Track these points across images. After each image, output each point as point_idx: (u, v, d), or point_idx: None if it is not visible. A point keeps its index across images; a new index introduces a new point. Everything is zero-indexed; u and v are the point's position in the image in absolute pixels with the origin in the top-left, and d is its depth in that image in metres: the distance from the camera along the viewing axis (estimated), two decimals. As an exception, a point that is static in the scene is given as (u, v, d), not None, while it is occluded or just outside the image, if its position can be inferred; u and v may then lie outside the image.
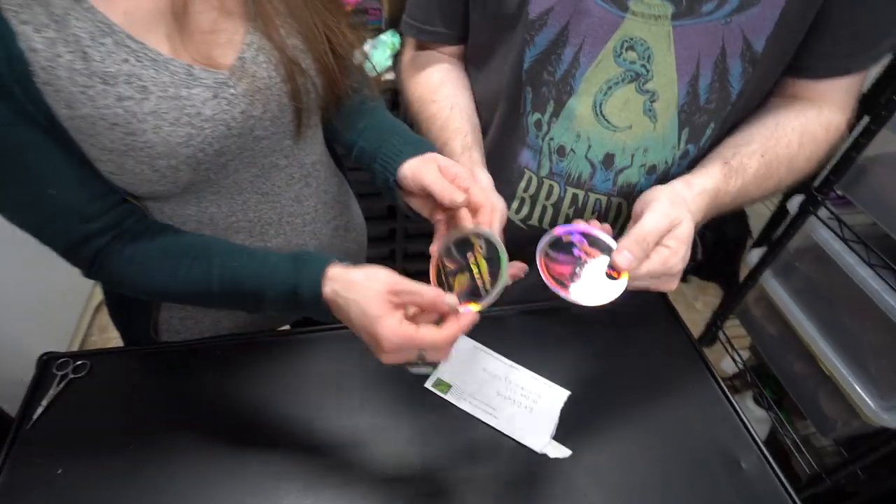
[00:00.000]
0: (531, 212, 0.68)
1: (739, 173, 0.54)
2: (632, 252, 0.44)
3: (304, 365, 0.66)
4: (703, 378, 0.69)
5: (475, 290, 0.45)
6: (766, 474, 0.59)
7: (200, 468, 0.56)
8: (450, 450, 0.59)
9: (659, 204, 0.46)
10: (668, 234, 0.47)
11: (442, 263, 0.47)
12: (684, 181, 0.51)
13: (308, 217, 0.63)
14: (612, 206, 0.65)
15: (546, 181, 0.65)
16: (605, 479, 0.57)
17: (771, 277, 1.05)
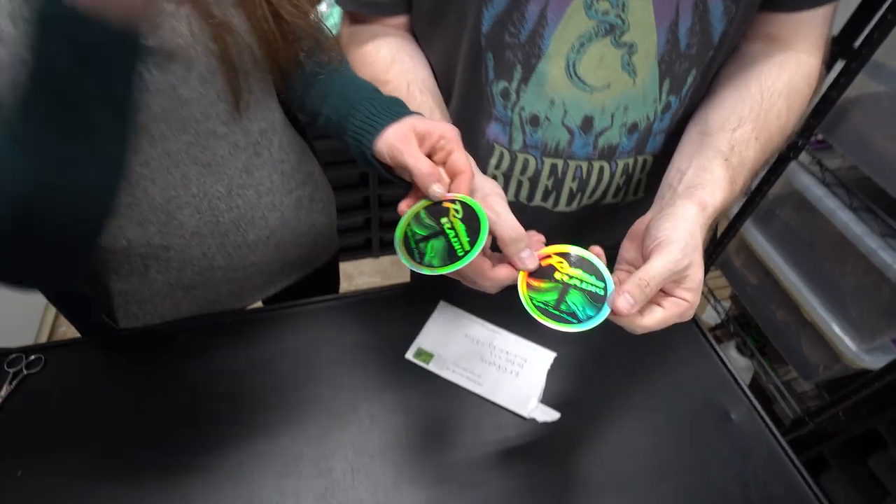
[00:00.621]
0: (506, 188, 0.64)
1: (741, 171, 0.49)
2: (633, 297, 0.39)
3: (275, 343, 0.63)
4: (690, 332, 0.68)
5: (452, 253, 0.41)
6: (756, 424, 0.59)
7: (171, 459, 0.53)
8: (434, 421, 0.57)
9: (672, 249, 0.41)
10: (681, 282, 0.42)
11: (411, 231, 0.43)
12: (699, 203, 0.45)
13: (263, 189, 0.59)
14: (593, 171, 0.61)
15: (520, 155, 0.61)
16: (595, 440, 0.56)
17: (751, 226, 1.04)
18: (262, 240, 0.62)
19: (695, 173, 0.48)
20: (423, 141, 0.44)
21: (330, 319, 0.66)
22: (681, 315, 0.43)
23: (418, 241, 0.43)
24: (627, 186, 0.65)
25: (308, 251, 0.74)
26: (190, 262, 0.58)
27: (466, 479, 0.53)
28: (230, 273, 0.64)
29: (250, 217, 0.59)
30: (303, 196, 0.66)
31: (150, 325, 0.65)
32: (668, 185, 0.49)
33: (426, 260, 0.42)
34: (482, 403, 0.59)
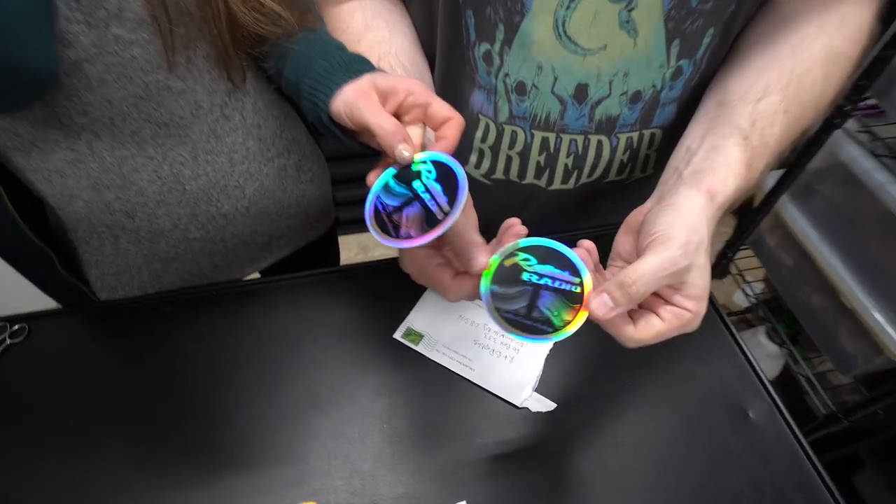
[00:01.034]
0: (493, 164, 0.58)
1: (762, 153, 0.41)
2: (613, 298, 0.33)
3: (260, 318, 0.60)
4: (707, 317, 0.61)
5: (429, 218, 0.36)
6: (777, 423, 0.53)
7: (154, 434, 0.51)
8: (418, 407, 0.53)
9: (669, 247, 0.34)
10: (680, 288, 0.35)
11: (381, 204, 0.38)
12: (707, 192, 0.38)
13: (237, 156, 0.54)
14: (590, 146, 0.54)
15: (507, 127, 0.54)
16: (593, 434, 0.52)
17: (788, 202, 0.95)
18: (241, 211, 0.59)
19: (705, 154, 0.41)
20: (386, 98, 0.38)
21: (317, 294, 0.63)
22: (682, 327, 0.36)
23: (391, 213, 0.38)
24: (633, 163, 0.58)
25: (299, 223, 0.71)
26: (161, 233, 0.55)
27: (449, 471, 0.49)
28: (209, 245, 0.61)
29: (223, 186, 0.55)
30: (287, 165, 0.62)
31: (133, 297, 0.63)
32: (673, 168, 0.42)
33: (402, 232, 0.37)
34: (472, 389, 0.55)
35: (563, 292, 0.36)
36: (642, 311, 0.36)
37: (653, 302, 0.37)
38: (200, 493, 0.48)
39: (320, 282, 0.64)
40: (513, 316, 0.35)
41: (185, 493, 0.48)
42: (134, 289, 0.62)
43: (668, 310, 0.36)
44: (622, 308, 0.34)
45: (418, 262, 0.38)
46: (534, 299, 0.36)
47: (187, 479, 0.49)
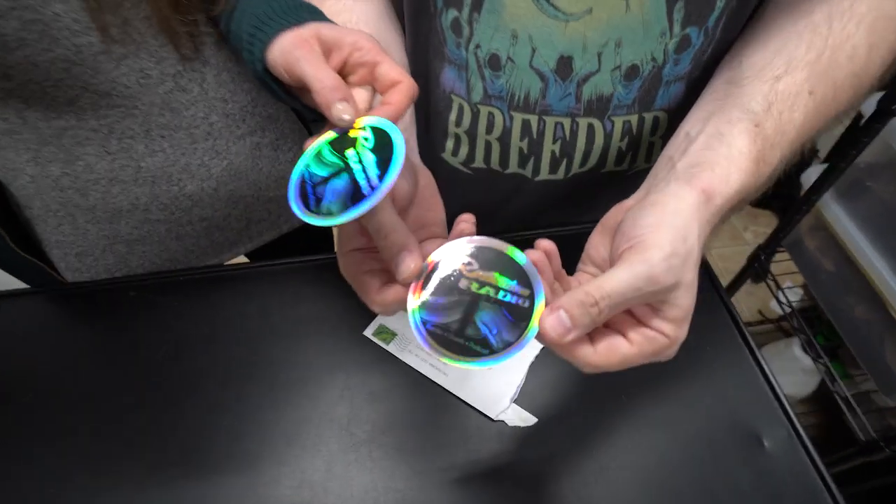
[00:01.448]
0: (472, 151, 0.52)
1: (777, 144, 0.34)
2: (572, 315, 0.27)
3: (225, 307, 0.56)
4: (721, 325, 0.54)
5: (355, 193, 0.31)
6: (796, 454, 0.46)
7: (106, 422, 0.49)
8: (385, 412, 0.48)
9: (648, 258, 0.28)
10: (659, 309, 0.29)
11: (309, 174, 0.33)
12: (703, 190, 0.31)
13: (198, 132, 0.50)
14: (579, 130, 0.47)
15: (483, 108, 0.47)
16: (578, 457, 0.46)
17: (832, 200, 0.85)
18: (207, 192, 0.55)
19: (706, 143, 0.33)
20: (330, 52, 0.32)
21: (287, 284, 0.58)
22: (654, 355, 0.30)
23: (316, 185, 0.33)
24: (634, 152, 0.50)
25: (280, 208, 0.66)
26: (120, 214, 0.52)
27: (408, 488, 0.44)
28: (176, 228, 0.57)
29: (184, 164, 0.51)
30: (261, 143, 0.58)
31: (98, 280, 0.60)
32: (667, 158, 0.35)
33: (323, 207, 0.31)
34: (445, 397, 0.49)
35: (507, 305, 0.29)
36: (606, 332, 0.30)
37: (621, 320, 0.30)
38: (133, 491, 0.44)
39: (291, 271, 0.59)
40: (441, 331, 0.29)
41: (119, 490, 0.44)
42: (100, 271, 0.59)
43: (640, 332, 0.30)
44: (580, 331, 0.28)
45: (349, 266, 0.33)
46: (470, 312, 0.29)
47: (125, 475, 0.45)
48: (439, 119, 0.50)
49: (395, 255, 0.30)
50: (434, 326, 0.29)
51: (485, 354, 0.29)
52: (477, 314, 0.29)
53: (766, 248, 0.99)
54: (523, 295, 0.29)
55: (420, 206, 0.36)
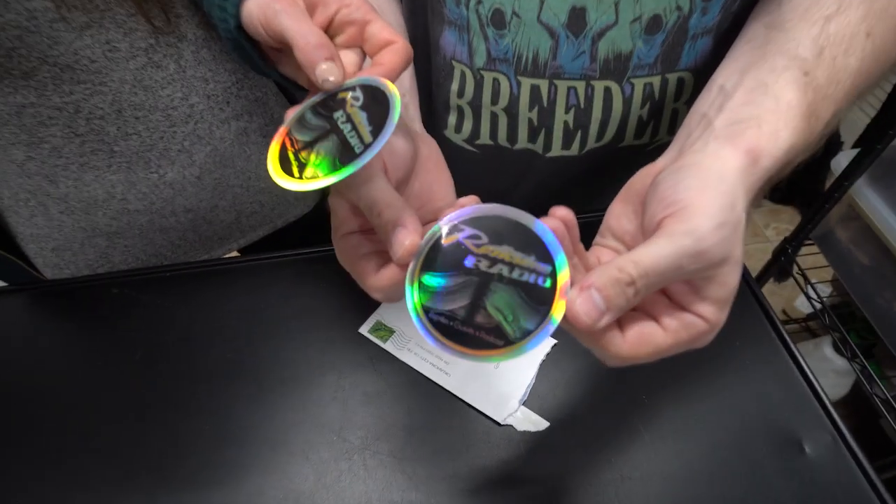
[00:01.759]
0: (476, 126, 0.47)
1: (831, 96, 0.30)
2: (606, 296, 0.23)
3: (213, 305, 0.53)
4: (753, 320, 0.49)
5: (345, 153, 0.27)
6: (842, 460, 0.41)
7: (100, 423, 0.45)
8: (381, 416, 0.44)
9: (697, 228, 0.23)
10: (702, 288, 0.25)
11: (291, 139, 0.29)
12: (749, 150, 0.26)
13: (177, 113, 0.46)
14: (594, 96, 0.42)
15: (487, 75, 0.43)
16: (594, 466, 0.41)
17: (865, 186, 0.80)
18: (190, 180, 0.51)
19: (747, 97, 0.29)
20: (314, 8, 0.29)
21: (279, 279, 0.55)
22: (690, 343, 0.26)
23: (299, 151, 0.29)
24: (656, 121, 0.46)
25: (273, 199, 0.63)
26: (95, 203, 0.49)
27: (405, 500, 0.40)
28: (159, 220, 0.53)
29: (162, 149, 0.47)
30: (249, 129, 0.54)
31: (79, 277, 0.57)
32: (700, 115, 0.30)
33: (307, 173, 0.27)
34: (447, 400, 0.45)
35: (524, 286, 0.25)
36: (636, 315, 0.26)
37: (652, 300, 0.26)
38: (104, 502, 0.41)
39: (282, 265, 0.56)
40: (445, 320, 0.25)
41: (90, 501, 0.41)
42: (80, 267, 0.56)
43: (677, 317, 0.25)
44: (614, 315, 0.23)
45: (345, 251, 0.29)
46: (479, 296, 0.25)
47: (97, 484, 0.42)
48: (440, 91, 0.46)
49: (389, 233, 0.26)
50: (437, 314, 0.25)
51: (499, 346, 0.24)
52: (488, 298, 0.25)
53: (792, 240, 0.93)
54: (543, 273, 0.25)
55: (423, 179, 0.32)
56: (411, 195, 0.32)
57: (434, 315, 0.25)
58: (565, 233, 0.25)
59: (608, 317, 0.23)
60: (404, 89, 0.37)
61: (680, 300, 0.25)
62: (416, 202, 0.32)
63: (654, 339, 0.25)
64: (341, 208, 0.29)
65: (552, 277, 0.24)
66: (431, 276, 0.25)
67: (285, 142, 0.29)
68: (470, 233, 0.26)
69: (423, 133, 0.35)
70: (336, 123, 0.28)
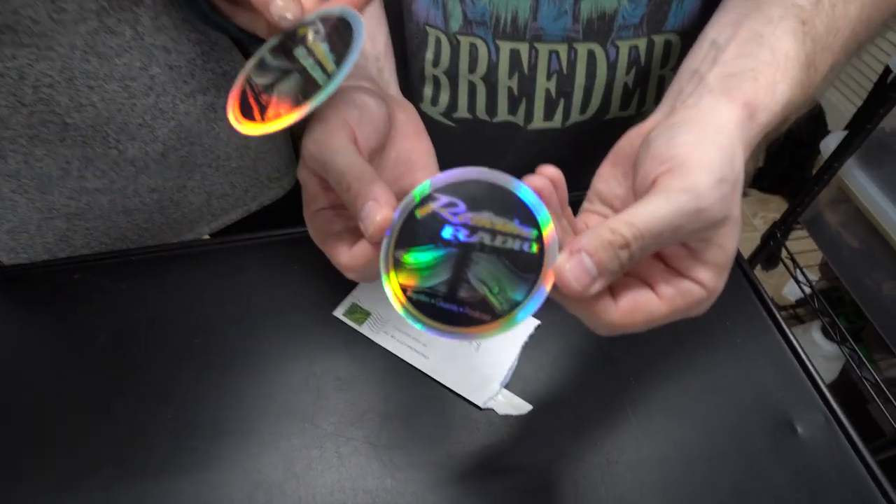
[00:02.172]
0: (454, 97, 0.45)
1: (829, 46, 0.28)
2: (598, 260, 0.21)
3: (178, 290, 0.50)
4: (745, 300, 0.48)
5: (308, 87, 0.25)
6: (836, 442, 0.39)
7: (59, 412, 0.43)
8: (355, 402, 0.42)
9: (696, 184, 0.21)
10: (699, 252, 0.23)
11: (250, 85, 0.27)
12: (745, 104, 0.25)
13: (136, 85, 0.44)
14: (577, 60, 0.40)
15: (463, 39, 0.41)
16: (580, 450, 0.39)
17: (855, 167, 0.79)
18: (153, 157, 0.48)
19: (741, 48, 0.27)
20: None
21: (251, 262, 0.52)
22: (686, 311, 0.24)
23: (260, 94, 0.27)
24: (643, 89, 0.44)
25: (246, 181, 0.60)
26: (50, 180, 0.46)
27: (379, 489, 0.38)
28: (122, 200, 0.51)
29: (121, 122, 0.44)
30: (217, 104, 0.51)
31: (38, 262, 0.54)
32: (691, 71, 0.28)
33: (269, 114, 0.25)
34: (424, 384, 0.43)
35: (508, 253, 0.23)
36: (629, 281, 0.24)
37: (646, 264, 0.24)
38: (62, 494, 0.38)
39: (252, 248, 0.53)
40: (426, 298, 0.23)
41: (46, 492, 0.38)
42: (39, 251, 0.53)
43: (672, 284, 0.23)
44: (606, 280, 0.22)
45: (316, 229, 0.27)
46: (461, 268, 0.23)
47: (55, 475, 0.39)
48: (415, 61, 0.43)
49: (359, 208, 0.23)
50: (417, 293, 0.23)
51: (486, 321, 0.22)
52: (470, 269, 0.23)
53: (781, 224, 0.92)
54: (528, 237, 0.23)
55: (400, 147, 0.30)
56: (387, 166, 0.30)
57: (413, 294, 0.23)
58: (552, 191, 0.24)
59: (600, 283, 0.21)
60: (379, 51, 0.35)
61: (676, 265, 0.24)
62: (392, 173, 0.30)
63: (648, 307, 0.23)
64: (311, 183, 0.27)
65: (538, 242, 0.22)
66: (408, 252, 0.23)
67: (245, 89, 0.27)
68: (446, 201, 0.24)
69: (400, 98, 0.33)
70: (297, 61, 0.26)
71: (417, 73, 0.44)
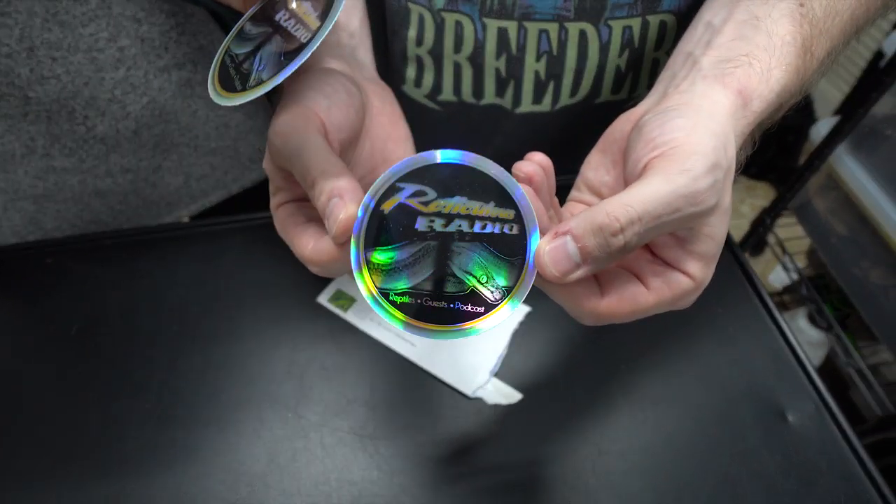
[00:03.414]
0: (438, 79, 0.43)
1: (827, 30, 0.27)
2: (583, 248, 0.20)
3: (158, 275, 0.48)
4: (736, 287, 0.47)
5: (292, 44, 0.24)
6: (826, 430, 0.39)
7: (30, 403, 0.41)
8: (339, 392, 0.41)
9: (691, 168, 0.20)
10: (689, 240, 0.22)
11: (230, 56, 0.26)
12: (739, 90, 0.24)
13: (104, 57, 0.41)
14: (568, 40, 0.39)
15: (448, 17, 0.39)
16: (570, 439, 0.39)
17: (846, 154, 0.79)
18: (125, 135, 0.46)
19: (736, 31, 0.26)
20: None
21: (232, 246, 0.51)
22: (674, 302, 0.23)
23: (241, 63, 0.25)
24: (636, 72, 0.42)
25: (226, 162, 0.58)
26: (13, 158, 0.43)
27: (365, 480, 0.37)
28: (93, 181, 0.49)
29: (89, 97, 0.42)
30: (193, 80, 0.49)
31: (7, 245, 0.51)
32: (685, 55, 0.27)
33: (252, 80, 0.24)
34: (411, 372, 0.42)
35: (489, 238, 0.21)
36: (617, 272, 0.23)
37: (635, 257, 0.24)
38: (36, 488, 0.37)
39: (235, 231, 0.52)
40: (411, 299, 0.22)
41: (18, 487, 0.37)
42: (6, 235, 0.50)
43: (660, 275, 0.23)
44: (594, 267, 0.21)
45: (282, 222, 0.26)
46: (443, 261, 0.22)
47: (27, 469, 0.37)
48: (396, 39, 0.42)
49: (324, 205, 0.22)
50: (399, 294, 0.22)
51: (480, 314, 0.21)
52: (453, 262, 0.21)
53: (770, 211, 0.92)
54: (507, 218, 0.21)
55: (375, 136, 0.29)
56: (361, 156, 0.29)
57: (397, 297, 0.22)
58: (544, 179, 0.23)
59: (582, 270, 0.20)
60: (353, 28, 0.33)
61: (664, 255, 0.23)
62: (367, 165, 0.29)
63: (634, 298, 0.22)
64: (276, 176, 0.25)
65: (518, 222, 0.21)
66: (380, 252, 0.22)
67: (224, 60, 0.26)
68: (412, 190, 0.22)
69: (376, 80, 0.31)
70: (279, 24, 0.25)
71: (399, 52, 0.43)
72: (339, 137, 0.25)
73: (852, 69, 1.40)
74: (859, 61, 1.36)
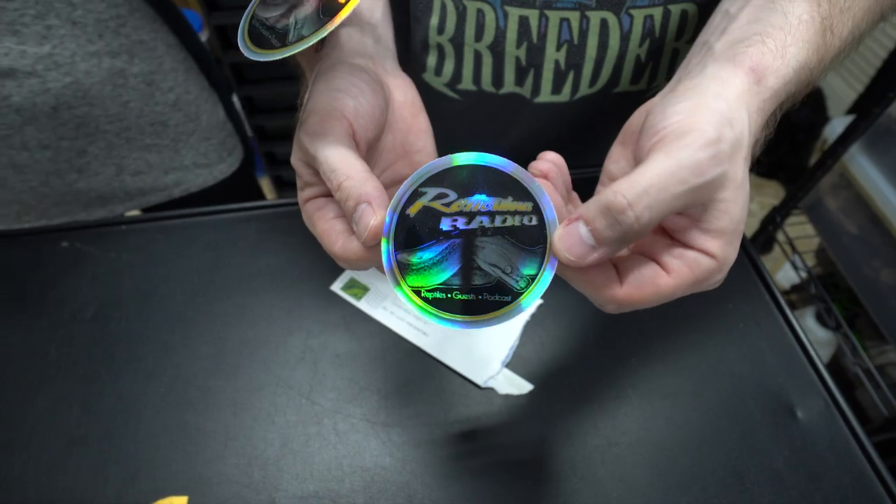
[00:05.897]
0: (458, 68, 0.43)
1: (848, 10, 0.27)
2: (595, 231, 0.20)
3: (173, 261, 0.49)
4: (747, 284, 0.48)
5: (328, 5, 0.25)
6: (835, 427, 0.40)
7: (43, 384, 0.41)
8: (352, 379, 0.42)
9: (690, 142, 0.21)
10: (701, 219, 0.22)
11: (259, 19, 0.27)
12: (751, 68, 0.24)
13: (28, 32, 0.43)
14: (590, 31, 0.39)
15: (470, 5, 0.39)
16: (580, 430, 0.39)
17: (859, 153, 0.78)
18: (43, 110, 0.47)
19: (753, 15, 0.26)
20: None
21: (246, 233, 0.51)
22: (697, 284, 0.23)
23: (274, 25, 0.27)
24: (655, 62, 0.42)
25: (165, 161, 0.58)
26: None
27: (377, 466, 0.37)
28: (8, 152, 0.49)
29: (7, 67, 0.43)
30: (128, 72, 0.50)
31: (22, 229, 0.52)
32: (701, 44, 0.28)
33: (291, 37, 0.26)
34: (425, 362, 0.43)
35: (510, 231, 0.23)
36: (634, 258, 0.23)
37: (652, 242, 0.24)
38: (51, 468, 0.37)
39: (249, 219, 0.52)
40: (443, 294, 0.23)
41: (34, 466, 0.37)
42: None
43: (679, 255, 0.23)
44: (608, 250, 0.21)
45: (310, 217, 0.26)
46: (469, 257, 0.23)
47: (40, 449, 0.38)
48: (419, 27, 0.42)
49: (351, 210, 0.23)
50: (431, 291, 0.23)
51: (507, 302, 0.23)
52: (478, 256, 0.23)
53: (781, 209, 0.92)
54: (526, 211, 0.23)
55: (397, 130, 0.29)
56: (383, 150, 0.29)
57: (428, 293, 0.23)
58: (558, 174, 0.24)
59: (598, 253, 0.21)
60: (377, 20, 0.34)
61: (681, 237, 0.23)
62: (389, 157, 0.29)
63: (654, 282, 0.22)
64: (304, 171, 0.26)
65: (537, 213, 0.23)
66: (411, 254, 0.23)
67: (253, 23, 0.27)
68: (434, 193, 0.23)
69: (397, 72, 0.32)
70: None
71: (420, 40, 0.43)
72: (366, 137, 0.26)
73: (866, 68, 1.39)
74: (874, 60, 1.35)
